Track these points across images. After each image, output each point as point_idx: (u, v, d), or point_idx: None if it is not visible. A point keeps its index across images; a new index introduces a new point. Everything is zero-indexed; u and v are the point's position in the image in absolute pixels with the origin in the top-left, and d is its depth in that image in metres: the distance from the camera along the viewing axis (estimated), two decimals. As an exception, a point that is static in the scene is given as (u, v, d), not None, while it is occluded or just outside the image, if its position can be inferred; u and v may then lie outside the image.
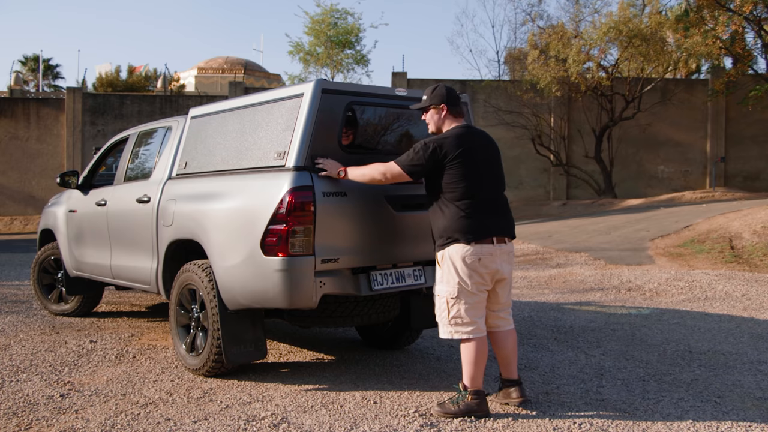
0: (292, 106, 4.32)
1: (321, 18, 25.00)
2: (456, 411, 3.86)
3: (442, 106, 4.05)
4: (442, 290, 3.96)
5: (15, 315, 7.04)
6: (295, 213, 4.04)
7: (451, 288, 3.90)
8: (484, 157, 4.01)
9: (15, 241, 18.07)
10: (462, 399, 3.89)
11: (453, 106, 4.06)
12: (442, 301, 3.95)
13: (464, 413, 3.85)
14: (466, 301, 3.90)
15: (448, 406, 3.90)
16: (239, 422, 3.84)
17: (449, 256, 3.89)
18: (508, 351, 4.07)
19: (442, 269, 3.94)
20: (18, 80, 29.20)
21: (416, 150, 3.94)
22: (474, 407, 3.86)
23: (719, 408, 4.10)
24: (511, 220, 4.10)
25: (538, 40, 24.36)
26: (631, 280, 8.90)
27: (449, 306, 3.92)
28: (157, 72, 36.05)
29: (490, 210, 3.97)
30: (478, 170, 3.96)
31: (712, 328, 6.26)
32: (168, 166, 5.37)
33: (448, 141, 3.92)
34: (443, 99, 4.05)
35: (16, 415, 4.02)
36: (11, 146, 24.37)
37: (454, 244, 3.88)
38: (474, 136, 4.03)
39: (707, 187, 25.32)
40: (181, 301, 4.92)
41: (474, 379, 3.92)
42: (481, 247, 3.87)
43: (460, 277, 3.87)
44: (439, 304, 3.98)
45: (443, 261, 3.93)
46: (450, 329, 3.96)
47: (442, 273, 3.95)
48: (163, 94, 27.85)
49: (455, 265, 3.88)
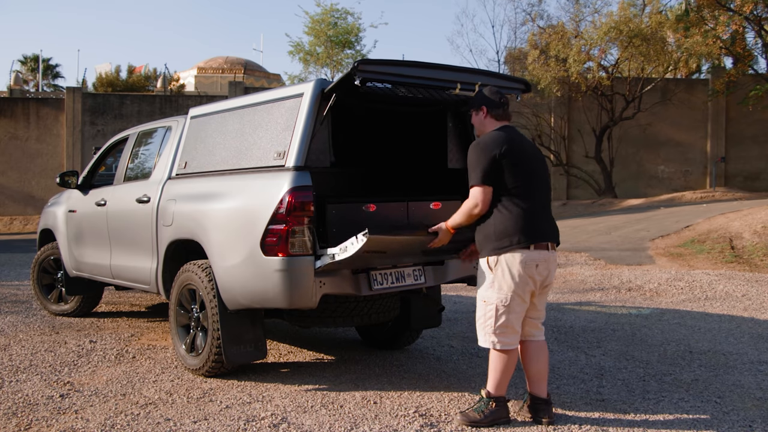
0: (291, 106, 4.31)
1: (321, 18, 25.02)
2: (481, 419, 3.74)
3: (482, 108, 3.93)
4: (491, 297, 3.73)
5: (15, 315, 7.04)
6: (295, 213, 4.03)
7: (503, 295, 3.70)
8: (532, 158, 3.87)
9: (15, 241, 18.06)
10: (486, 406, 3.77)
11: (494, 109, 3.91)
12: (491, 308, 3.73)
13: (490, 422, 3.74)
14: (516, 311, 3.73)
15: (472, 414, 3.77)
16: (239, 422, 3.83)
17: (506, 261, 3.69)
18: (541, 365, 3.86)
19: (495, 275, 3.72)
20: (18, 80, 29.20)
21: (472, 160, 3.76)
22: (498, 415, 3.76)
23: (719, 408, 4.10)
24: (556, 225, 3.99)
25: (538, 40, 24.36)
26: (632, 280, 8.90)
27: (498, 314, 3.71)
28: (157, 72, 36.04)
29: (543, 214, 3.83)
30: (530, 171, 3.83)
31: (712, 328, 6.26)
32: (168, 166, 5.37)
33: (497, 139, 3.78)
34: (483, 101, 3.94)
35: (16, 415, 4.01)
36: (11, 146, 24.36)
37: (512, 249, 3.68)
38: (515, 137, 3.86)
39: (707, 187, 25.32)
40: (180, 301, 4.92)
41: (500, 386, 3.78)
42: (539, 252, 3.72)
43: (516, 284, 3.69)
44: (486, 311, 3.76)
45: (497, 266, 3.71)
46: (493, 338, 3.74)
47: (494, 278, 3.72)
48: (162, 94, 27.84)
49: (512, 271, 3.68)
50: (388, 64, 4.09)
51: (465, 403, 4.16)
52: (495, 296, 3.72)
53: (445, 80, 4.29)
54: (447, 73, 4.32)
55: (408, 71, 4.14)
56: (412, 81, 4.20)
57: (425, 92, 4.54)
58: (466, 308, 7.33)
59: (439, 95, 4.62)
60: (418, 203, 4.73)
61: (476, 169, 3.74)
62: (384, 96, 4.65)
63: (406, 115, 5.34)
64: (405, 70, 4.14)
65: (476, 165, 3.74)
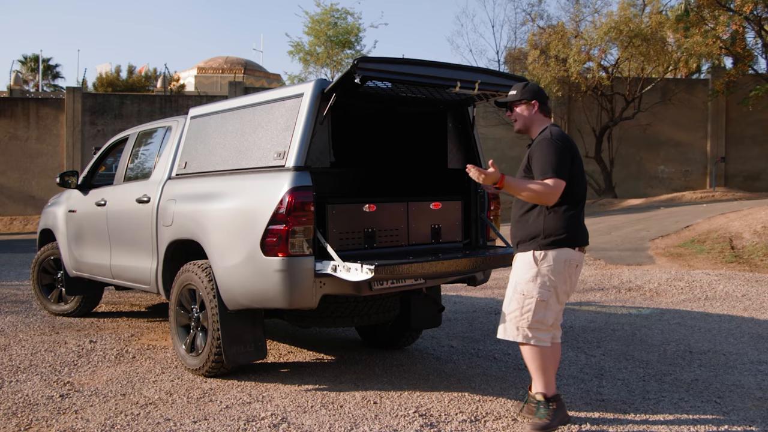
0: (291, 106, 4.31)
1: (321, 18, 25.00)
2: (550, 422, 3.67)
3: (534, 102, 3.84)
4: (532, 290, 3.67)
5: (15, 315, 7.04)
6: (295, 213, 4.03)
7: (545, 290, 3.66)
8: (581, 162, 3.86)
9: (15, 241, 18.06)
10: (548, 410, 3.69)
11: (543, 104, 3.86)
12: (531, 301, 3.66)
13: (558, 424, 3.69)
14: (554, 309, 3.69)
15: (539, 422, 3.68)
16: (239, 422, 3.83)
17: (553, 257, 3.66)
18: (556, 366, 3.85)
19: (540, 269, 3.66)
20: (18, 80, 29.21)
21: (550, 153, 3.64)
22: (562, 414, 3.72)
23: (719, 408, 4.10)
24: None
25: (538, 40, 24.35)
26: (632, 280, 8.90)
27: (535, 309, 3.65)
28: (157, 72, 36.05)
29: (583, 218, 3.85)
30: (581, 175, 3.82)
31: (712, 329, 6.25)
32: (168, 166, 5.37)
33: (567, 139, 3.72)
34: (535, 95, 3.84)
35: (16, 415, 4.01)
36: (11, 146, 24.35)
37: (561, 246, 3.66)
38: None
39: (707, 187, 25.32)
40: (180, 301, 4.92)
41: (550, 385, 3.73)
42: (580, 255, 3.75)
43: (560, 281, 3.67)
44: (524, 303, 3.68)
45: (543, 260, 3.66)
46: (527, 333, 3.68)
47: (538, 273, 3.66)
48: (162, 94, 27.83)
49: (558, 267, 3.66)
50: (387, 62, 4.09)
51: (465, 403, 4.16)
52: (537, 290, 3.66)
53: (445, 78, 4.29)
54: (447, 71, 4.31)
55: (408, 69, 4.14)
56: (411, 79, 4.19)
57: (425, 91, 4.54)
58: (466, 308, 7.33)
59: (439, 94, 4.62)
60: (418, 203, 4.74)
61: (553, 162, 3.62)
62: (384, 96, 4.66)
63: (406, 115, 5.34)
64: (405, 68, 4.13)
65: (555, 158, 3.63)
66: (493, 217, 5.07)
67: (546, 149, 3.67)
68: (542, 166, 3.65)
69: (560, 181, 3.62)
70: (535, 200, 3.67)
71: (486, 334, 6.07)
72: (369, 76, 3.98)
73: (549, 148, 3.67)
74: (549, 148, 3.67)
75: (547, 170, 3.63)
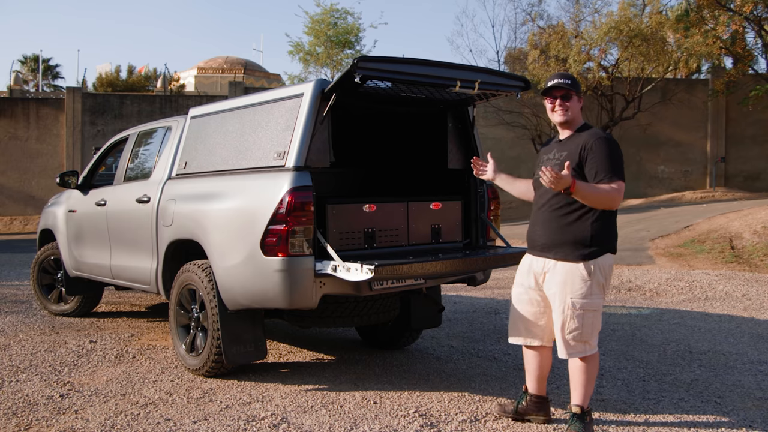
0: (291, 106, 4.31)
1: (321, 18, 24.99)
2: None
3: (581, 98, 3.72)
4: (591, 304, 3.54)
5: (15, 315, 7.04)
6: (295, 213, 4.03)
7: (600, 300, 3.58)
8: None
9: (15, 241, 18.06)
10: (584, 423, 3.56)
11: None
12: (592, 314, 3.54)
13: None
14: (601, 311, 3.63)
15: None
16: (239, 422, 3.83)
17: (602, 266, 3.54)
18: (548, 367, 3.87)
19: (593, 280, 3.52)
20: (18, 80, 29.21)
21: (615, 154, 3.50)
22: (592, 425, 3.63)
23: (719, 408, 4.10)
24: None
25: (538, 40, 24.35)
26: (632, 280, 8.90)
27: (595, 319, 3.56)
28: (157, 72, 36.05)
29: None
30: None
31: (712, 329, 6.25)
32: (168, 166, 5.37)
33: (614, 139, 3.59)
34: (580, 90, 3.71)
35: (16, 415, 4.01)
36: (11, 146, 24.36)
37: (605, 254, 3.56)
38: None
39: (707, 187, 25.33)
40: (180, 301, 4.92)
41: (589, 397, 3.62)
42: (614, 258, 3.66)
43: (607, 286, 3.61)
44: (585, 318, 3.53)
45: (595, 271, 3.52)
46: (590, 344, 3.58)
47: (592, 284, 3.53)
48: (162, 94, 27.83)
49: (606, 273, 3.57)
50: (387, 62, 4.08)
51: (465, 403, 4.16)
52: (596, 303, 3.56)
53: (445, 78, 4.28)
54: (447, 71, 4.30)
55: (407, 68, 4.14)
56: (411, 78, 4.19)
57: (425, 90, 4.54)
58: (466, 308, 7.33)
59: (439, 93, 4.61)
60: (418, 203, 4.73)
61: (619, 164, 3.49)
62: (384, 96, 4.66)
63: (406, 115, 5.34)
64: (404, 67, 4.13)
65: (620, 160, 3.50)
66: (493, 217, 5.07)
67: (611, 150, 3.49)
68: (611, 167, 3.46)
69: (624, 185, 3.48)
70: (603, 205, 3.49)
71: (486, 334, 6.07)
72: (369, 76, 3.98)
73: (614, 149, 3.50)
74: (614, 149, 3.50)
75: (616, 172, 3.46)
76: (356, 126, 5.53)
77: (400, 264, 3.99)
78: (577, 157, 3.53)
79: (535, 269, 3.73)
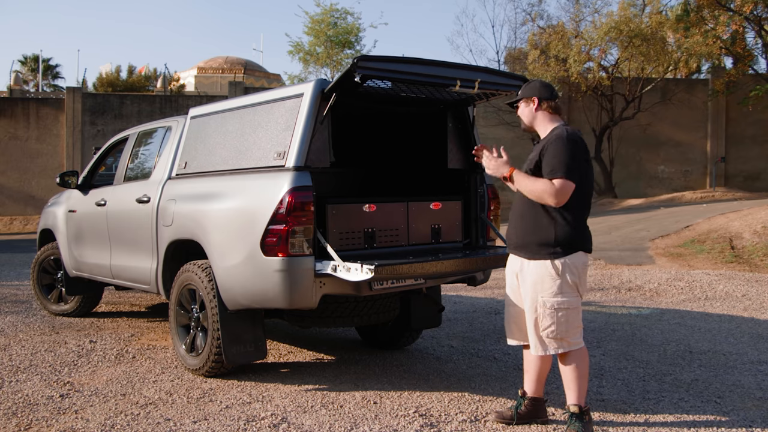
0: (291, 106, 4.31)
1: (321, 18, 25.00)
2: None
3: (533, 98, 3.72)
4: (562, 302, 3.55)
5: (15, 315, 7.04)
6: (295, 213, 4.03)
7: (574, 297, 3.58)
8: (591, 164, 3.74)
9: (15, 241, 18.06)
10: (583, 422, 3.55)
11: (547, 100, 3.71)
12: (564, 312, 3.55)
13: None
14: (579, 309, 3.63)
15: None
16: (239, 422, 3.83)
17: (572, 263, 3.55)
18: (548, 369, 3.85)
19: (563, 278, 3.54)
20: (18, 80, 29.20)
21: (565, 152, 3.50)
22: (591, 425, 3.61)
23: (719, 408, 4.10)
24: None
25: (538, 40, 24.37)
26: (632, 280, 8.90)
27: (569, 317, 3.56)
28: (157, 72, 36.05)
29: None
30: (591, 180, 3.73)
31: (712, 329, 6.25)
32: (168, 166, 5.37)
33: (582, 141, 3.60)
34: (535, 91, 3.73)
35: (16, 415, 4.01)
36: (11, 146, 24.37)
37: (576, 252, 3.57)
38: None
39: (707, 187, 25.34)
40: (180, 301, 4.92)
41: (584, 395, 3.61)
42: (588, 257, 3.69)
43: (580, 283, 3.60)
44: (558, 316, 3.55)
45: (564, 269, 3.54)
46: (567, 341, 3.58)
47: (562, 283, 3.54)
48: (162, 94, 27.84)
49: (578, 270, 3.58)
50: (387, 61, 4.08)
51: (465, 403, 4.16)
52: (568, 300, 3.57)
53: (445, 77, 4.28)
54: (447, 70, 4.30)
55: (407, 68, 4.14)
56: (411, 78, 4.18)
57: (425, 90, 4.54)
58: (466, 308, 7.33)
59: (439, 93, 4.61)
60: (418, 203, 4.74)
61: (567, 162, 3.48)
62: (384, 96, 4.66)
63: (406, 115, 5.34)
64: (404, 66, 4.13)
65: (567, 158, 3.49)
66: (493, 217, 5.07)
67: (560, 148, 3.52)
68: (554, 164, 3.50)
69: (569, 183, 3.47)
70: (540, 199, 3.53)
71: (486, 334, 6.07)
72: (369, 75, 3.98)
73: (563, 148, 3.52)
74: (563, 148, 3.52)
75: (557, 170, 3.48)
76: (356, 126, 5.53)
77: (400, 264, 3.99)
78: (538, 156, 3.62)
79: (514, 268, 3.78)
